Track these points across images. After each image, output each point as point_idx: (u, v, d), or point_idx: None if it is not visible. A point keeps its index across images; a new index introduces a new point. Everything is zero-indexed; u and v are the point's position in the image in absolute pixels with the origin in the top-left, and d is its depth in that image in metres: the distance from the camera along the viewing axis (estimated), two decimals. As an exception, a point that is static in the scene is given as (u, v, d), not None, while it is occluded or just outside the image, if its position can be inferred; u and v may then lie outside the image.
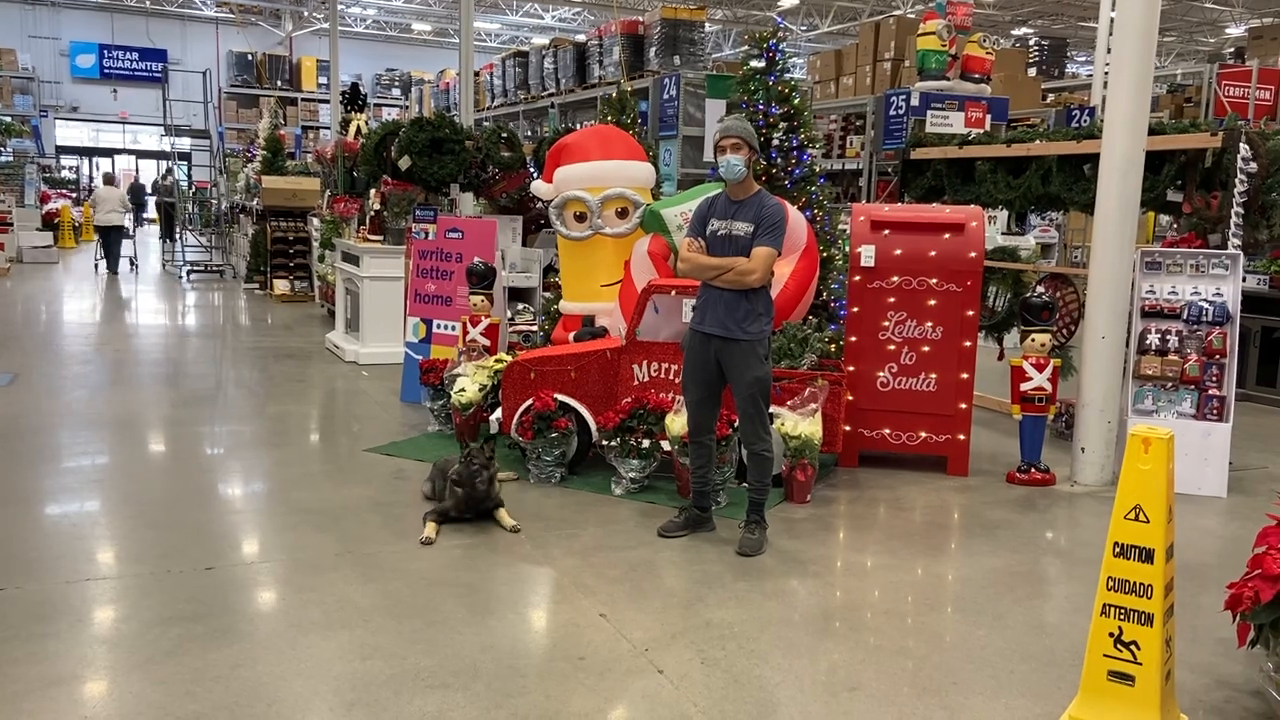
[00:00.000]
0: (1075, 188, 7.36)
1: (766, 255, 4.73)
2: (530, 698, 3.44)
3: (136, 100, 29.63)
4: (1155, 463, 3.09)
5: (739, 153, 4.77)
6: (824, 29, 26.76)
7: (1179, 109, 13.64)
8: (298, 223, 14.76)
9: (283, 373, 9.18)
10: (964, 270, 6.26)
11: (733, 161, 4.77)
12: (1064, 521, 5.70)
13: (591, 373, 6.00)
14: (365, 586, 4.36)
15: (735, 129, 4.81)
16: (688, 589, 4.46)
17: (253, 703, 3.36)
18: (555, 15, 29.30)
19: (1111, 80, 6.07)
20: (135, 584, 4.35)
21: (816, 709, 3.45)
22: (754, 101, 7.06)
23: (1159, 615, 3.10)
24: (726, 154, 4.78)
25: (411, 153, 9.56)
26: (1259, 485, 6.30)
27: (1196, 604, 4.36)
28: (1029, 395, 6.32)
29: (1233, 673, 3.80)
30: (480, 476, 5.01)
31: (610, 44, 12.89)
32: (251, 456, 6.45)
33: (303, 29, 30.58)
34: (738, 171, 4.79)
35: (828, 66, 13.52)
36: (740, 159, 4.76)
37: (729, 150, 4.77)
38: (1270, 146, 6.38)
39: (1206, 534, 5.48)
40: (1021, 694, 3.59)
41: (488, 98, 17.75)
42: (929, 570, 4.86)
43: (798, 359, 6.12)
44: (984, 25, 24.67)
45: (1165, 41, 28.43)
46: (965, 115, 9.90)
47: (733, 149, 4.76)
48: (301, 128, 27.87)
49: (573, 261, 7.06)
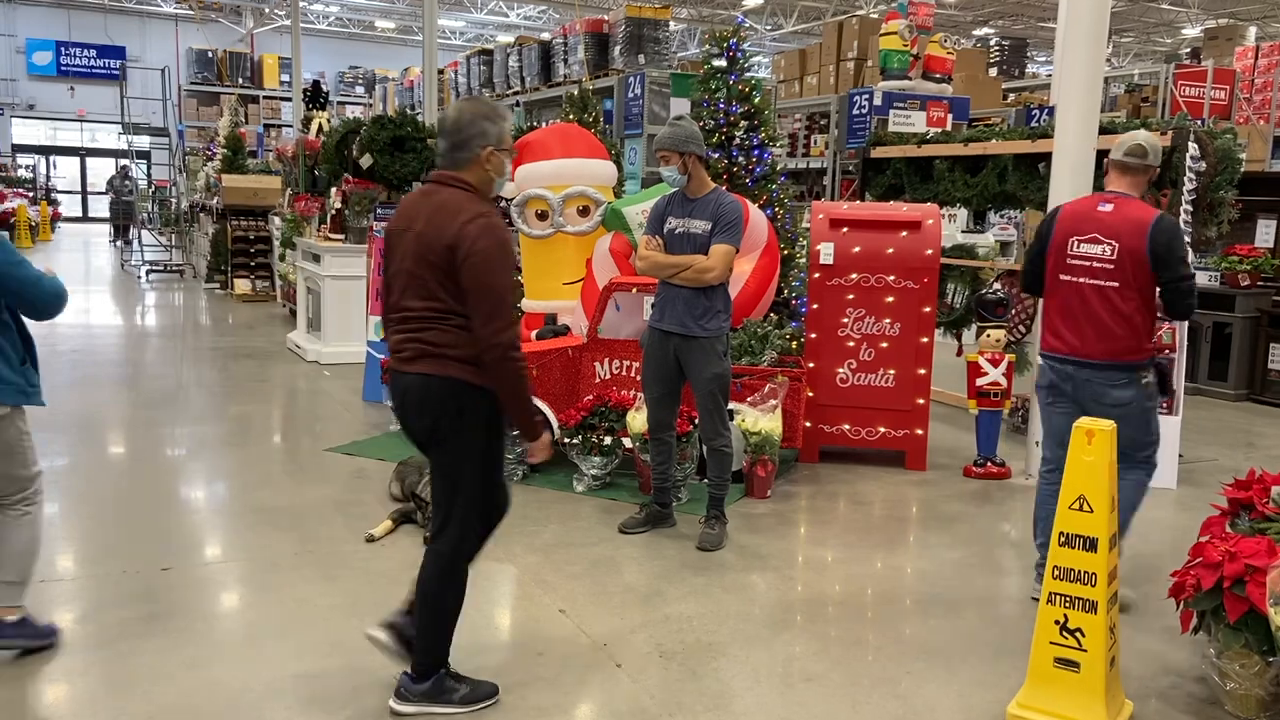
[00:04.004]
0: (1030, 186, 7.48)
1: (725, 253, 4.78)
2: (489, 693, 3.46)
3: (94, 98, 29.20)
4: (1098, 454, 3.17)
5: (670, 164, 4.85)
6: (788, 28, 26.91)
7: (1136, 109, 13.86)
8: (259, 222, 14.62)
9: (244, 373, 9.11)
10: (921, 267, 6.35)
11: (665, 172, 4.91)
12: (1019, 514, 5.79)
13: (553, 370, 6.02)
14: (325, 586, 4.36)
15: (663, 142, 4.87)
16: (648, 584, 4.49)
17: (209, 702, 3.36)
18: (520, 13, 29.23)
19: (1063, 80, 6.18)
20: (91, 585, 4.31)
21: (773, 699, 3.50)
22: (715, 100, 7.11)
23: (1103, 603, 3.18)
24: (664, 165, 4.89)
25: (373, 151, 9.52)
26: (1208, 477, 6.43)
27: (1144, 593, 4.45)
28: (985, 390, 6.42)
29: (1178, 659, 3.90)
30: None
31: (575, 42, 12.89)
32: (212, 457, 6.41)
33: (264, 26, 30.28)
34: (676, 180, 4.89)
35: (792, 66, 13.61)
36: (672, 169, 4.85)
37: (662, 163, 4.89)
38: (1218, 145, 6.52)
39: (1155, 525, 5.59)
40: (974, 682, 3.66)
41: (452, 96, 17.68)
42: (887, 563, 4.93)
43: (758, 356, 6.18)
44: (945, 26, 24.95)
45: (1123, 42, 28.89)
46: (927, 115, 10.01)
47: (663, 161, 4.87)
48: (263, 126, 27.54)
49: (534, 260, 7.06)
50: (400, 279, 3.17)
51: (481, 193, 3.21)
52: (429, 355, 3.12)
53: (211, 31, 29.73)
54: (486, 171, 3.20)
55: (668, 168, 4.86)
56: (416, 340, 3.14)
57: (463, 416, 3.16)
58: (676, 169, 4.84)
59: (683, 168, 4.83)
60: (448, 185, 3.17)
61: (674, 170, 4.85)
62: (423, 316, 3.12)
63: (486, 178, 3.21)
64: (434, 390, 3.14)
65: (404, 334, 3.18)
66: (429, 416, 3.19)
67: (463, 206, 3.09)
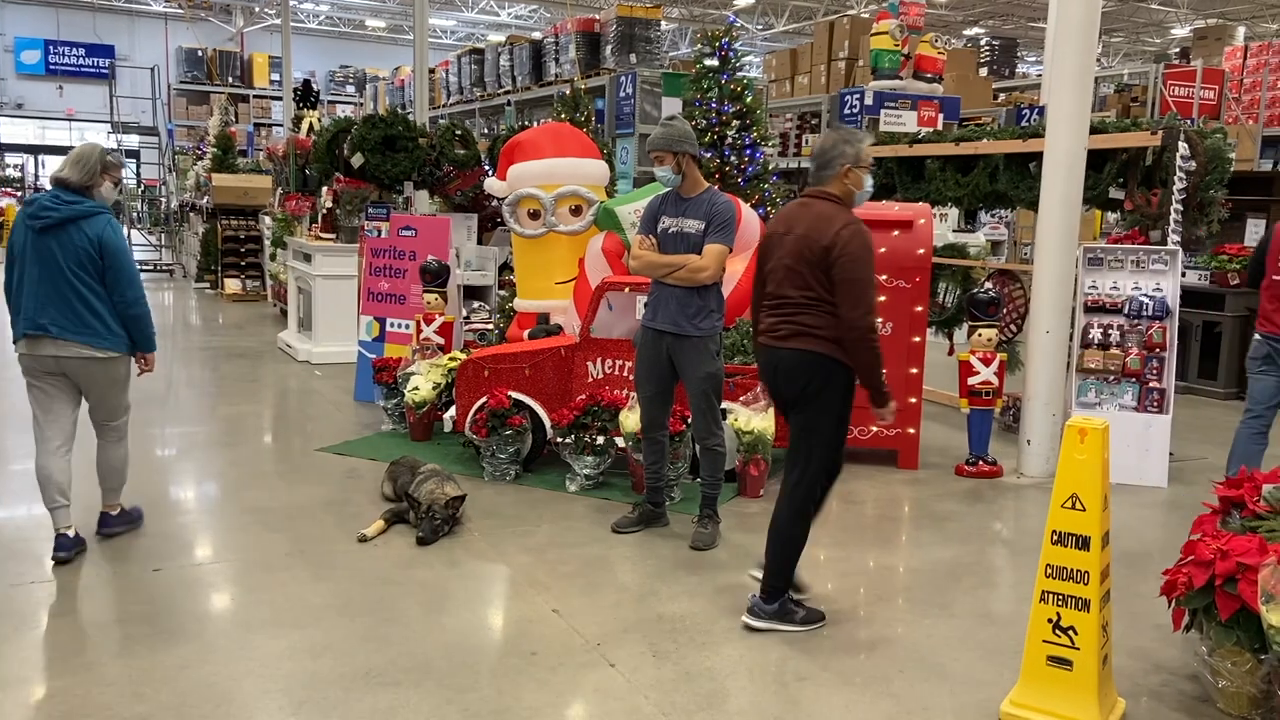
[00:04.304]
0: (1021, 185, 7.50)
1: (718, 252, 4.78)
2: (481, 693, 3.46)
3: (83, 97, 29.01)
4: (1090, 452, 3.18)
5: (664, 164, 4.85)
6: (780, 28, 26.93)
7: (1126, 108, 13.90)
8: (249, 221, 14.58)
9: (234, 372, 9.08)
10: (912, 267, 6.35)
11: (659, 173, 4.91)
12: (1010, 512, 5.81)
13: (546, 370, 6.01)
14: (317, 585, 4.34)
15: (656, 142, 4.87)
16: (641, 583, 4.49)
17: (200, 703, 3.34)
18: (511, 12, 29.18)
19: (1054, 80, 6.20)
20: (81, 586, 4.29)
21: (767, 699, 3.50)
22: (707, 99, 7.12)
23: (1095, 601, 3.19)
24: (658, 165, 4.89)
25: (364, 150, 9.49)
26: (1199, 475, 6.46)
27: (1136, 591, 4.47)
28: (976, 389, 6.44)
29: (1169, 657, 3.91)
30: (442, 531, 4.97)
31: (566, 42, 12.88)
32: (203, 457, 6.38)
33: (254, 25, 30.16)
34: (670, 180, 4.89)
35: (783, 65, 13.62)
36: (667, 169, 4.85)
37: (656, 163, 4.89)
38: (1208, 145, 6.55)
39: (1147, 523, 5.62)
40: (966, 681, 3.67)
41: (444, 95, 17.65)
42: (879, 562, 4.93)
43: (751, 355, 6.17)
44: (936, 25, 24.98)
45: (1113, 42, 29.00)
46: (918, 114, 10.04)
47: (658, 162, 4.87)
48: (253, 125, 27.44)
49: (527, 259, 7.05)
50: (779, 272, 3.94)
51: (846, 203, 3.96)
52: (803, 334, 3.87)
53: (201, 30, 29.62)
54: (847, 185, 3.94)
55: (662, 168, 4.86)
56: (792, 322, 3.90)
57: (827, 384, 3.87)
58: (671, 169, 4.84)
59: (676, 167, 4.83)
60: (820, 199, 3.95)
61: (669, 170, 4.85)
62: (798, 303, 3.88)
63: (848, 190, 3.96)
64: (806, 362, 3.87)
65: (779, 316, 3.95)
66: (798, 384, 3.91)
67: (836, 216, 3.86)
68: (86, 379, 4.53)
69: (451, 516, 4.98)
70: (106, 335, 4.48)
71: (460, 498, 5.01)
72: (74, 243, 4.38)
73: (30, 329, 4.40)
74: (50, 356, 4.43)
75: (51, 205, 4.39)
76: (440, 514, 4.89)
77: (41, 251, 4.38)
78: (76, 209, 4.41)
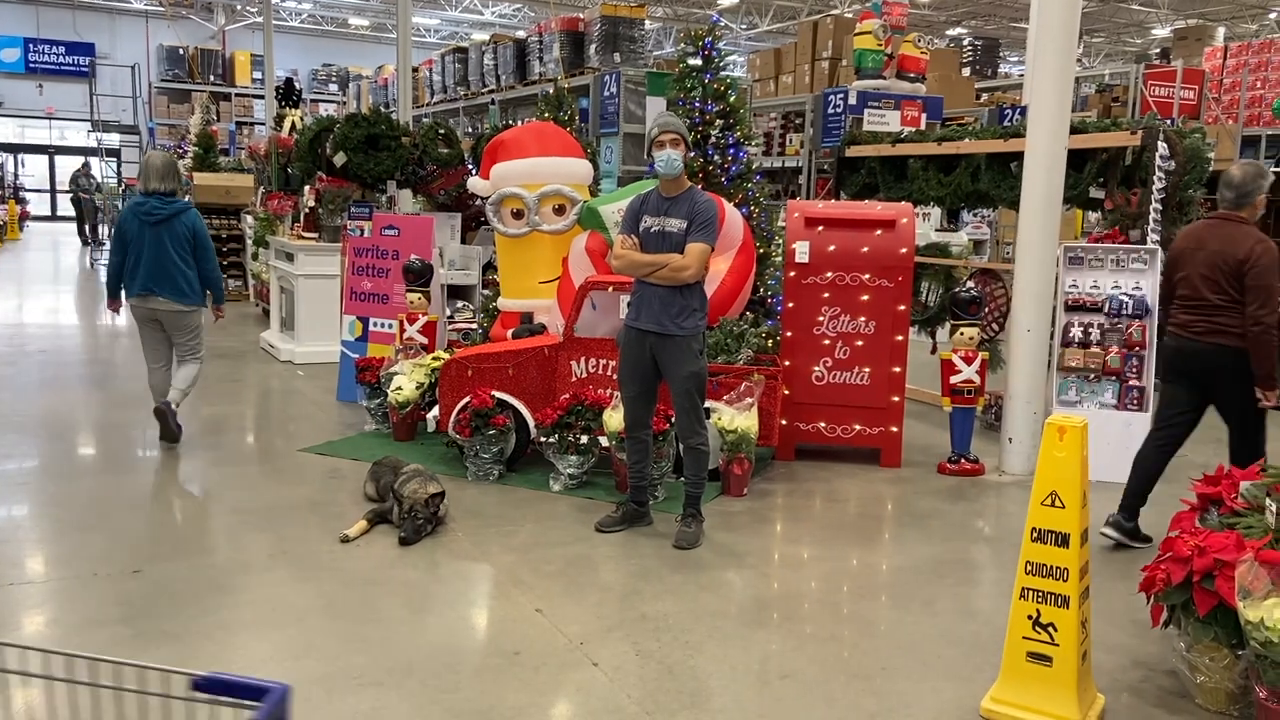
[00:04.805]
0: (1003, 185, 7.54)
1: (701, 251, 4.78)
2: (464, 694, 3.45)
3: (63, 95, 28.81)
4: (1069, 450, 3.20)
5: (678, 148, 4.82)
6: (763, 28, 26.98)
7: (1107, 108, 13.99)
8: (231, 220, 14.49)
9: (216, 373, 9.02)
10: (895, 266, 6.38)
11: (672, 156, 4.82)
12: (992, 510, 5.84)
13: (529, 370, 6.01)
14: (300, 586, 4.33)
15: (674, 124, 4.86)
16: (624, 583, 4.49)
17: (182, 705, 3.32)
18: (495, 11, 29.13)
19: (1035, 80, 6.24)
20: (62, 588, 4.26)
21: (749, 697, 3.51)
22: (691, 99, 7.12)
23: (1074, 597, 3.21)
24: (665, 148, 4.82)
25: (347, 149, 9.45)
26: (1178, 473, 6.48)
27: (1115, 588, 4.51)
28: (958, 387, 6.47)
29: (1148, 653, 3.94)
30: (424, 530, 4.96)
31: (550, 41, 12.87)
32: (185, 458, 6.34)
33: (236, 23, 30.01)
34: (676, 166, 4.83)
35: (767, 65, 13.65)
36: (679, 154, 4.82)
37: (668, 145, 4.81)
38: (1187, 144, 6.60)
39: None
40: (948, 677, 3.69)
41: (427, 94, 17.60)
42: (862, 560, 4.95)
43: (734, 354, 6.19)
44: (919, 25, 25.09)
45: (1094, 42, 29.19)
46: (901, 114, 10.06)
47: (672, 144, 4.81)
48: (235, 123, 27.30)
49: (511, 258, 7.04)
50: (1194, 280, 4.82)
51: (1251, 223, 4.80)
52: (1220, 332, 4.74)
53: (182, 28, 29.45)
54: (1256, 210, 4.85)
55: (674, 150, 4.80)
56: (1210, 320, 4.77)
57: (1239, 372, 4.72)
58: (680, 154, 4.82)
59: (685, 156, 4.84)
60: (1231, 221, 4.80)
61: (679, 155, 4.81)
62: (1216, 305, 4.74)
63: (1255, 215, 4.86)
64: (1222, 355, 4.74)
65: (1197, 315, 4.82)
66: (1213, 374, 4.82)
67: (1248, 234, 4.73)
68: (171, 323, 6.38)
69: (434, 515, 4.97)
70: (190, 294, 6.32)
71: (440, 494, 5.00)
72: (175, 231, 6.22)
73: (141, 290, 6.22)
74: (151, 309, 6.30)
75: (160, 206, 6.21)
76: (422, 513, 4.88)
77: (153, 238, 6.17)
78: (175, 206, 6.27)
